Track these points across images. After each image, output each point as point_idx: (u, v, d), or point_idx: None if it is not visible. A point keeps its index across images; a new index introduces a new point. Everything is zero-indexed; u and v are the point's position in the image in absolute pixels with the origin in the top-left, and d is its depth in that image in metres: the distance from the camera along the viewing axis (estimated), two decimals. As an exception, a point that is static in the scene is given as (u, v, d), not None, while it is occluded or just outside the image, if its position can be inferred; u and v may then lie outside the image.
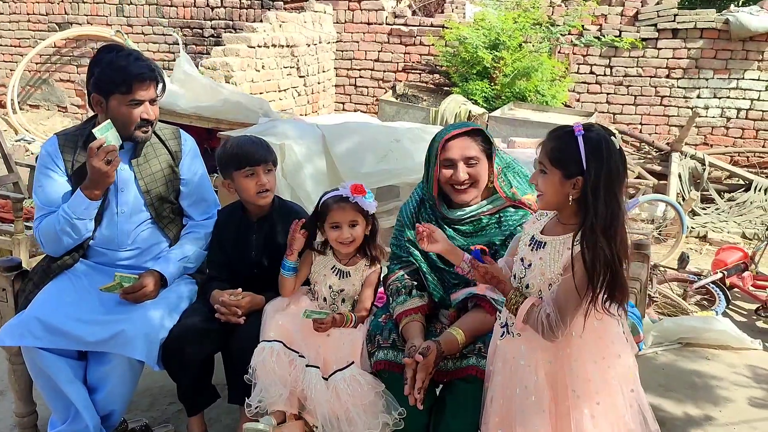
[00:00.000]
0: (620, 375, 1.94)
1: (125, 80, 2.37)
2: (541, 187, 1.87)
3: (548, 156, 1.84)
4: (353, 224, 2.35)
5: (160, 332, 2.40)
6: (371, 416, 2.17)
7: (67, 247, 2.49)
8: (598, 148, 1.77)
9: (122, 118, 2.41)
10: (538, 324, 1.83)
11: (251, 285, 2.52)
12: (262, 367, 2.29)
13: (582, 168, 1.77)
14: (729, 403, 3.31)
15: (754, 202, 6.74)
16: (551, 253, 1.87)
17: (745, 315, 4.52)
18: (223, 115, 4.87)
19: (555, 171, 1.83)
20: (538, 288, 1.90)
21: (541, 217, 2.00)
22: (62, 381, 2.40)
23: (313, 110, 8.25)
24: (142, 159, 2.56)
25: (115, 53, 2.43)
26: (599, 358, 1.91)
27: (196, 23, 8.71)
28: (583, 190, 1.78)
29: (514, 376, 1.95)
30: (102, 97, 2.42)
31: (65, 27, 9.13)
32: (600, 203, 1.76)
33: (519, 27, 7.33)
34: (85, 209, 2.40)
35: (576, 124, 1.83)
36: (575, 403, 1.89)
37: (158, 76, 2.48)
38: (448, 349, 2.12)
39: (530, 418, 1.89)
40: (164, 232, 2.63)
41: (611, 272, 1.77)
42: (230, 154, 2.55)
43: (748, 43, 7.37)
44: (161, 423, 2.86)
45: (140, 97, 2.41)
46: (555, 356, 1.91)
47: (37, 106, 9.45)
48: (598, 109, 7.78)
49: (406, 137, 3.98)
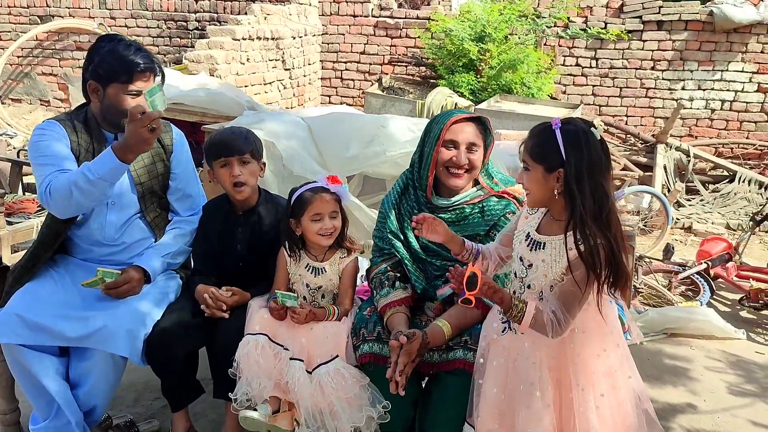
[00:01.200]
0: (619, 363, 1.96)
1: (127, 69, 2.37)
2: (527, 185, 1.89)
3: (529, 152, 1.87)
4: (333, 215, 2.34)
5: (143, 328, 2.38)
6: (356, 410, 2.16)
7: (77, 210, 2.40)
8: (576, 138, 1.80)
9: (119, 106, 2.40)
10: (546, 325, 1.83)
11: (236, 279, 2.51)
12: (246, 360, 2.29)
13: (562, 159, 1.79)
14: (712, 391, 3.34)
15: (738, 193, 6.79)
16: (552, 255, 1.88)
17: (729, 305, 4.56)
18: (208, 108, 4.83)
19: (537, 166, 1.85)
20: (540, 288, 1.91)
21: (533, 212, 2.00)
22: (43, 377, 2.37)
23: (299, 103, 8.20)
24: None
25: (116, 42, 2.41)
26: (601, 351, 1.93)
27: (180, 15, 8.63)
28: (567, 181, 1.79)
29: (517, 373, 1.94)
30: (100, 85, 2.41)
31: (47, 20, 9.00)
32: (585, 193, 1.77)
33: (505, 19, 7.32)
34: (111, 170, 2.26)
35: (554, 119, 1.85)
36: (580, 397, 1.90)
37: (157, 68, 2.47)
38: (434, 340, 2.12)
39: (535, 413, 1.89)
40: (150, 227, 2.61)
41: (611, 259, 1.78)
42: (209, 143, 2.56)
43: (732, 35, 7.40)
44: (146, 419, 2.84)
45: (139, 87, 2.40)
46: (559, 352, 1.92)
47: (19, 100, 9.33)
48: (584, 101, 7.80)
49: (391, 123, 3.97)
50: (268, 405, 2.29)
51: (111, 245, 2.54)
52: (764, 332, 4.11)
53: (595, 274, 1.78)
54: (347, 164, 3.80)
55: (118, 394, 2.98)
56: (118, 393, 2.98)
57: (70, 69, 9.04)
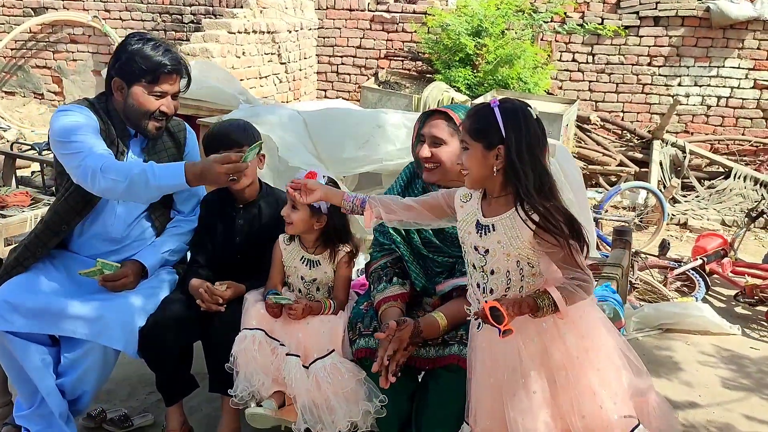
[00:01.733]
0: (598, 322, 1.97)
1: (154, 71, 2.35)
2: (466, 164, 1.90)
3: (468, 131, 1.88)
4: (293, 206, 2.30)
5: (138, 321, 2.37)
6: (352, 404, 2.15)
7: (113, 198, 2.37)
8: (515, 115, 1.84)
9: (141, 108, 2.39)
10: (576, 291, 1.82)
11: (234, 272, 2.50)
12: (243, 356, 2.27)
13: (501, 136, 1.82)
14: (707, 386, 3.35)
15: (733, 190, 6.81)
16: (506, 232, 1.88)
17: (724, 301, 4.57)
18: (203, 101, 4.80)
19: (476, 144, 1.86)
20: (506, 269, 1.91)
21: (466, 200, 2.00)
22: (30, 368, 2.36)
23: (294, 97, 8.17)
24: (153, 149, 2.53)
25: (144, 41, 2.39)
26: (578, 318, 1.91)
27: (176, 9, 8.57)
28: (508, 157, 1.82)
29: (499, 362, 1.94)
30: (124, 83, 2.39)
31: (41, 12, 8.93)
32: (527, 167, 1.81)
33: (502, 14, 7.30)
34: (173, 185, 2.27)
35: (492, 98, 1.89)
36: (577, 376, 1.89)
37: (185, 71, 2.45)
38: (428, 331, 2.11)
39: (523, 401, 1.88)
40: (154, 224, 2.61)
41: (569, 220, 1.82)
42: (208, 135, 2.54)
43: (728, 31, 7.40)
44: (140, 413, 2.83)
45: (165, 89, 2.39)
46: (538, 333, 1.90)
47: (12, 92, 9.26)
48: (581, 97, 7.79)
49: (388, 123, 3.95)
50: (273, 400, 2.29)
51: (115, 241, 2.53)
52: (759, 328, 4.13)
53: (562, 236, 1.81)
54: (342, 165, 3.79)
55: (112, 388, 2.97)
56: (112, 387, 2.97)
57: (64, 62, 8.98)
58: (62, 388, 2.41)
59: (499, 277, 1.91)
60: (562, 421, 1.89)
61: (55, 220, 2.46)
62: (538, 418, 1.87)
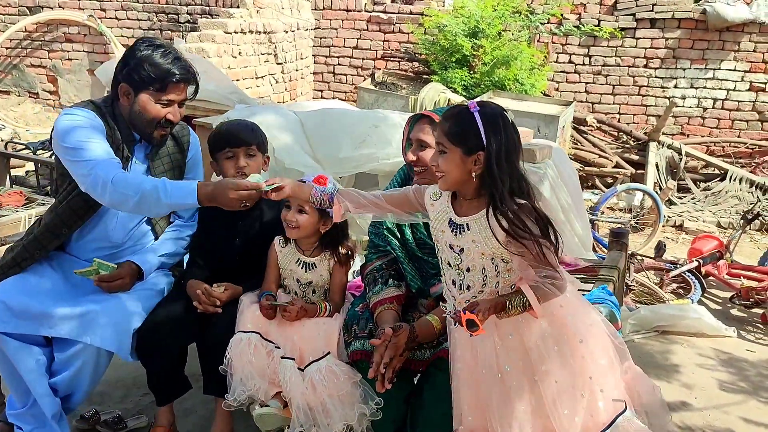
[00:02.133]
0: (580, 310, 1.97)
1: (162, 79, 2.32)
2: (443, 167, 1.88)
3: (446, 135, 1.86)
4: (300, 210, 2.29)
5: (132, 323, 2.36)
6: (348, 407, 2.14)
7: (123, 209, 2.33)
8: (495, 122, 1.83)
9: (147, 115, 2.37)
10: (549, 290, 1.82)
11: (232, 274, 2.49)
12: (239, 359, 2.26)
13: (482, 143, 1.82)
14: (703, 389, 3.35)
15: (729, 192, 6.82)
16: (480, 232, 1.88)
17: (720, 303, 4.58)
18: (199, 101, 4.78)
19: (455, 149, 1.85)
20: (481, 266, 1.91)
21: (436, 198, 2.00)
22: (23, 370, 2.35)
23: (291, 98, 8.16)
24: (157, 155, 2.51)
25: (154, 47, 2.36)
26: (557, 308, 1.91)
27: (172, 8, 8.55)
28: (487, 164, 1.82)
29: (478, 358, 1.93)
30: (132, 89, 2.36)
31: (36, 11, 8.89)
32: (504, 174, 1.82)
33: (498, 15, 7.30)
34: (184, 204, 2.24)
35: (470, 102, 1.87)
36: (559, 371, 1.88)
37: (194, 79, 2.42)
38: (423, 334, 2.10)
39: (502, 395, 1.89)
40: (154, 229, 2.60)
41: (541, 219, 1.82)
42: (215, 134, 2.53)
43: (724, 33, 7.42)
44: (134, 415, 2.81)
45: (172, 98, 2.37)
46: (516, 329, 1.89)
47: (7, 92, 9.22)
48: (577, 98, 7.80)
49: (384, 123, 3.95)
50: (278, 400, 2.28)
51: (114, 246, 2.52)
52: (754, 330, 4.13)
53: (531, 237, 1.80)
54: (339, 164, 3.79)
55: (106, 390, 2.96)
56: (106, 389, 2.95)
57: (59, 61, 8.95)
58: (54, 386, 2.40)
59: (475, 274, 1.92)
60: (542, 416, 1.87)
61: (56, 222, 2.43)
62: (515, 414, 1.87)
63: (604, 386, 1.91)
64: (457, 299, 1.95)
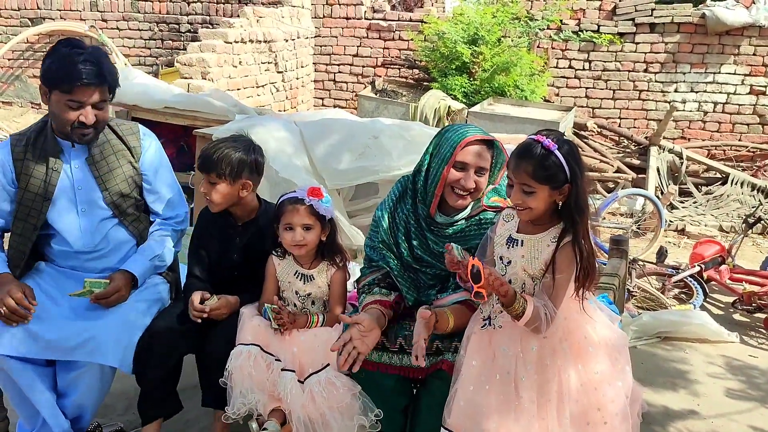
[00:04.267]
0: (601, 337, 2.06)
1: (68, 80, 2.29)
2: (531, 204, 1.94)
3: (533, 177, 1.91)
4: (307, 227, 2.30)
5: (132, 336, 2.36)
6: (347, 418, 2.15)
7: None
8: (573, 154, 1.92)
9: (59, 115, 2.36)
10: (543, 321, 1.91)
11: (230, 287, 2.49)
12: (239, 372, 2.27)
13: (566, 177, 1.89)
14: (707, 395, 3.34)
15: (730, 196, 6.81)
16: (531, 251, 1.99)
17: (722, 308, 4.56)
18: (199, 111, 4.80)
19: (542, 187, 1.91)
20: (522, 280, 2.02)
21: (509, 219, 2.08)
22: (28, 390, 2.35)
23: (291, 106, 8.18)
24: (99, 156, 2.49)
25: (70, 48, 2.34)
26: (587, 333, 2.03)
27: (173, 18, 8.59)
28: (574, 194, 1.91)
29: (495, 365, 1.99)
30: (47, 89, 2.36)
31: (38, 22, 8.95)
32: (586, 202, 1.92)
33: (498, 22, 7.31)
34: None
35: (542, 140, 1.91)
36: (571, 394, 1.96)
37: (107, 82, 2.37)
38: (439, 324, 2.11)
39: (507, 402, 1.95)
40: (129, 230, 2.57)
41: (590, 265, 1.93)
42: (202, 152, 2.53)
43: (724, 37, 7.42)
44: (136, 427, 2.81)
45: (79, 99, 2.32)
46: (538, 343, 1.98)
47: (9, 102, 9.26)
48: (577, 104, 7.80)
49: (384, 134, 3.95)
50: (275, 420, 2.27)
51: (91, 252, 2.51)
52: (757, 335, 4.11)
53: (580, 278, 1.93)
54: (338, 177, 3.79)
55: (108, 402, 2.95)
56: (108, 401, 2.95)
57: (62, 72, 8.98)
58: (63, 409, 2.39)
59: (515, 286, 1.99)
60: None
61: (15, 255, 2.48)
62: (518, 425, 1.92)
63: (610, 419, 1.98)
64: (494, 306, 2.04)
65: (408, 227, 2.30)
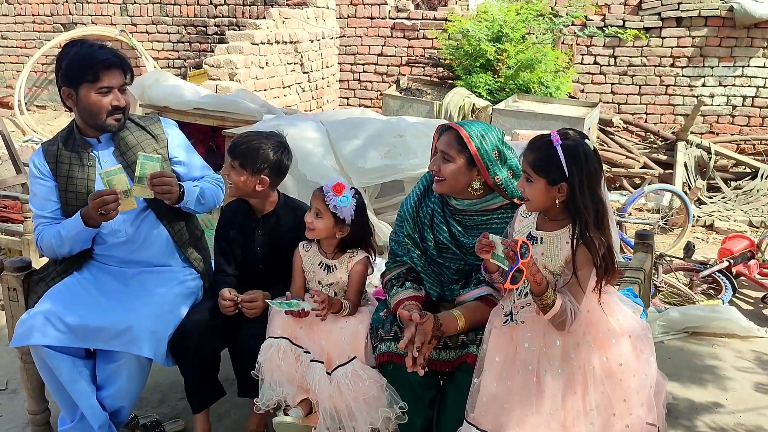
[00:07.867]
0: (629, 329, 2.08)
1: (92, 67, 2.39)
2: (528, 194, 2.00)
3: (531, 166, 1.97)
4: (317, 214, 2.37)
5: (167, 329, 2.44)
6: (373, 410, 2.19)
7: (67, 254, 2.55)
8: (576, 154, 1.92)
9: (93, 108, 2.44)
10: (568, 318, 1.93)
11: (257, 281, 2.56)
12: (268, 365, 2.33)
13: (564, 174, 1.91)
14: (736, 390, 3.32)
15: (760, 190, 6.71)
16: (550, 248, 2.01)
17: (751, 303, 4.51)
18: (228, 112, 4.90)
19: (539, 179, 1.96)
20: None
21: (526, 215, 2.11)
22: (66, 381, 2.43)
23: (317, 106, 8.26)
24: (124, 146, 2.57)
25: (79, 45, 2.46)
26: (610, 327, 2.04)
27: (200, 21, 8.74)
28: (570, 194, 1.92)
29: (517, 360, 2.02)
30: (72, 89, 2.44)
31: (70, 27, 9.16)
32: (587, 204, 1.91)
33: (522, 19, 7.30)
34: (79, 232, 2.44)
35: (553, 134, 1.96)
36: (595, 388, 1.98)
37: (124, 64, 2.49)
38: (447, 326, 2.14)
39: (529, 397, 1.98)
40: (161, 219, 2.62)
41: (609, 260, 1.94)
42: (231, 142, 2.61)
43: (752, 30, 7.32)
44: (171, 419, 2.90)
45: (108, 83, 2.42)
46: (562, 337, 2.00)
47: (44, 106, 9.50)
48: (603, 100, 7.75)
49: (409, 133, 3.99)
50: (300, 408, 2.34)
51: (127, 243, 2.57)
52: (787, 330, 4.07)
53: (598, 273, 1.94)
54: (364, 176, 3.84)
55: (143, 395, 3.04)
56: (143, 394, 3.03)
57: (93, 76, 9.17)
58: (102, 401, 2.47)
59: None
60: (566, 429, 1.96)
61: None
62: (540, 418, 1.95)
63: (636, 410, 2.00)
64: (516, 302, 2.06)
65: (433, 218, 2.36)
